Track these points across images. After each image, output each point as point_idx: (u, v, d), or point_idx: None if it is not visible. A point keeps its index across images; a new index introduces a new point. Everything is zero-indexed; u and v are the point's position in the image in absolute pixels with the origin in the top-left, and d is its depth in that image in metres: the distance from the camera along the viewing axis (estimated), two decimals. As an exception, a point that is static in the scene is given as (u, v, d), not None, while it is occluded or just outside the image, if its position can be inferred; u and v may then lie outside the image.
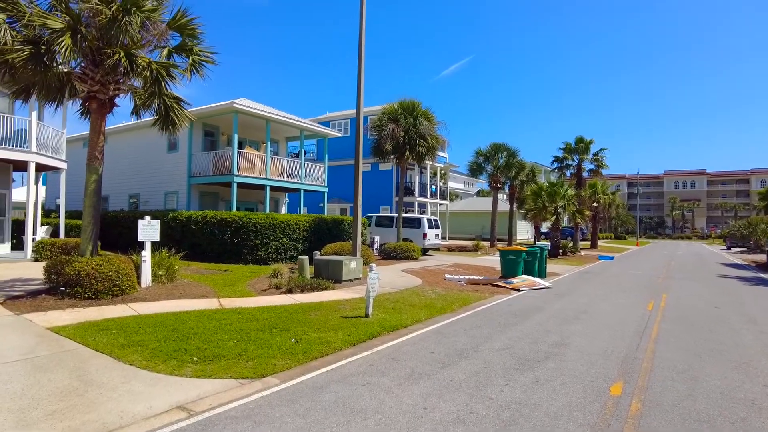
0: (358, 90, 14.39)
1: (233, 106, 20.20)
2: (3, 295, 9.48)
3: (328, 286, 11.69)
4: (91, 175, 10.05)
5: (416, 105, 21.19)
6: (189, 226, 18.47)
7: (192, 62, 10.27)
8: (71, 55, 8.56)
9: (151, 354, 6.15)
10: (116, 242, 21.27)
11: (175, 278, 11.48)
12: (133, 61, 9.09)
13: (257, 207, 25.33)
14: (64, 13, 8.77)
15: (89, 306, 8.79)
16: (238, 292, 10.92)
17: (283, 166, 23.47)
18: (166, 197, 23.60)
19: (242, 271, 14.83)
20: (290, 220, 18.98)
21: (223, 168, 20.90)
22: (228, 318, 8.22)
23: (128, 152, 26.24)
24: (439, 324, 8.87)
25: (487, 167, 33.00)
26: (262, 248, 17.86)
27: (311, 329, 7.73)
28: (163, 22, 9.95)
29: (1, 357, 5.88)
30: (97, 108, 10.05)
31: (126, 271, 9.74)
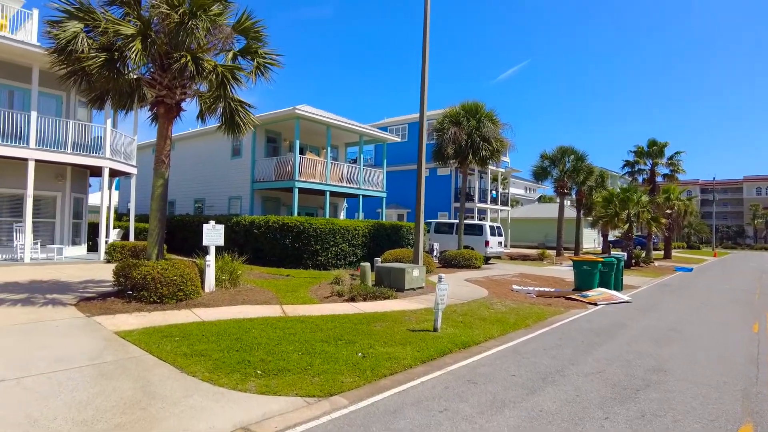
0: (421, 94, 13.88)
1: (295, 111, 20.28)
2: (77, 297, 9.69)
3: (390, 294, 11.21)
4: (157, 179, 10.12)
5: (479, 107, 20.43)
6: (252, 231, 18.61)
7: (257, 65, 10.16)
8: (141, 60, 8.62)
9: (214, 365, 5.87)
10: (182, 245, 21.87)
11: (238, 283, 11.39)
12: (199, 64, 9.04)
13: (317, 212, 25.36)
14: (136, 18, 8.86)
15: (154, 310, 8.76)
16: (300, 299, 10.66)
17: (342, 171, 23.35)
18: (230, 202, 24.08)
19: (303, 277, 14.65)
20: (350, 225, 18.74)
21: (285, 173, 21.01)
22: (292, 327, 7.89)
23: (194, 158, 27.08)
24: (514, 342, 8.15)
25: (553, 171, 31.54)
26: (322, 253, 17.70)
27: (378, 343, 7.25)
28: (228, 26, 9.91)
29: (71, 362, 5.80)
30: (165, 113, 10.13)
31: (190, 276, 9.69)
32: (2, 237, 16.15)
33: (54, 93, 17.25)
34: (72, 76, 9.56)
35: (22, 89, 16.35)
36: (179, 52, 8.98)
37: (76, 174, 18.13)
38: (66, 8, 8.88)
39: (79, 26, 8.89)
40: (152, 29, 9.11)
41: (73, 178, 18.01)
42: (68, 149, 16.16)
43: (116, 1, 9.24)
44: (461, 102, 20.95)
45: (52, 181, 17.18)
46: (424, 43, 13.80)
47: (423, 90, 13.88)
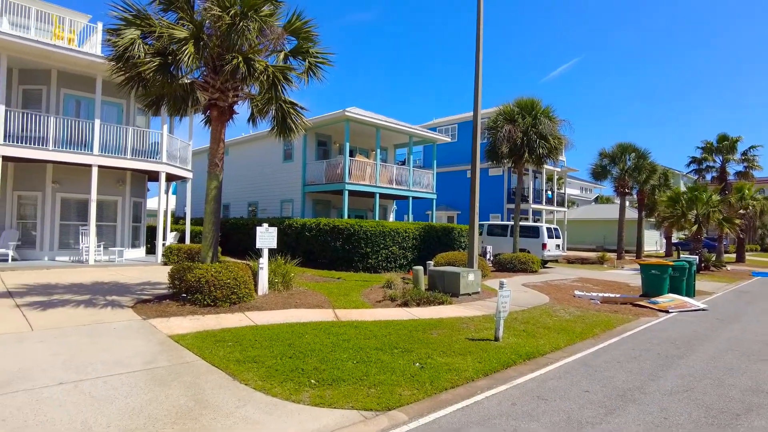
0: (475, 91, 13.36)
1: (345, 114, 20.19)
2: (134, 299, 9.84)
3: (445, 300, 10.76)
4: (211, 182, 10.15)
5: (535, 103, 19.60)
6: (303, 233, 18.64)
7: (308, 65, 10.02)
8: (194, 63, 8.63)
9: (267, 373, 5.66)
10: (236, 247, 22.26)
11: (290, 286, 11.29)
12: (251, 65, 8.97)
13: (366, 214, 25.21)
14: (189, 22, 8.90)
15: (208, 314, 8.73)
16: (352, 303, 10.40)
17: (391, 173, 23.07)
18: (281, 205, 24.34)
19: (354, 280, 14.43)
20: (400, 228, 18.40)
21: (335, 176, 20.97)
22: (345, 333, 7.61)
23: (248, 163, 27.61)
24: (582, 353, 7.52)
25: (613, 170, 29.93)
26: (373, 256, 17.46)
27: (435, 352, 6.84)
28: (279, 27, 9.82)
29: (126, 365, 5.76)
30: (217, 115, 10.15)
31: (244, 279, 9.64)
32: (70, 240, 16.90)
33: (115, 101, 17.93)
34: (129, 82, 9.73)
35: (87, 99, 17.08)
36: (231, 54, 8.94)
37: (135, 179, 18.77)
38: (124, 16, 9.04)
39: (136, 33, 9.03)
40: (204, 32, 9.13)
41: (133, 182, 18.65)
42: (128, 155, 16.73)
43: (171, 7, 9.34)
44: (515, 99, 20.19)
45: (113, 185, 17.85)
46: (478, 38, 13.29)
47: (477, 86, 13.36)
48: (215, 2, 8.67)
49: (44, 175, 16.47)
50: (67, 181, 16.73)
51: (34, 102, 16.73)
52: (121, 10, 8.97)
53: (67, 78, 16.85)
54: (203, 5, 9.09)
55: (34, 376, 5.28)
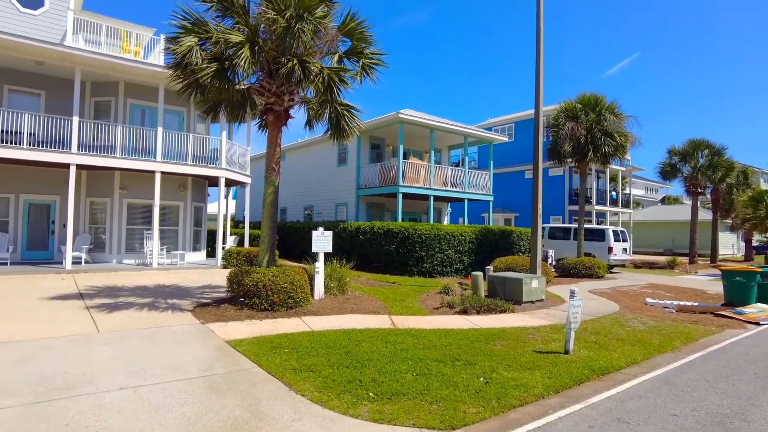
0: (536, 86, 12.71)
1: (398, 116, 19.96)
2: (194, 302, 9.98)
3: (506, 308, 10.22)
4: (268, 187, 10.15)
5: (599, 99, 18.54)
6: (357, 237, 18.54)
7: (362, 66, 9.84)
8: (250, 67, 8.63)
9: (324, 383, 5.43)
10: (292, 250, 22.53)
11: (346, 290, 11.12)
12: (306, 67, 8.87)
13: (420, 217, 24.85)
14: (244, 26, 8.92)
15: (265, 318, 8.68)
16: (409, 309, 10.07)
17: (446, 175, 22.59)
18: (336, 208, 24.43)
19: (410, 284, 14.10)
20: (455, 231, 17.90)
21: (388, 179, 20.77)
22: (403, 342, 7.29)
23: (303, 167, 27.97)
24: (663, 369, 6.82)
25: (684, 169, 27.97)
26: (428, 260, 17.07)
27: (500, 365, 6.39)
28: (333, 28, 9.69)
29: (183, 372, 5.71)
30: (274, 120, 10.14)
31: (300, 283, 9.55)
32: (136, 243, 17.61)
33: (177, 109, 18.56)
34: (188, 89, 9.91)
35: (151, 108, 17.77)
36: (286, 57, 8.88)
37: (196, 184, 19.34)
38: (183, 24, 9.20)
39: (193, 40, 9.16)
40: (259, 36, 9.14)
41: (194, 188, 19.22)
42: (189, 161, 17.25)
43: (227, 13, 9.41)
44: (577, 95, 19.20)
45: (175, 191, 18.46)
46: (538, 30, 12.65)
47: (538, 80, 12.70)
48: (270, 5, 8.63)
49: (112, 182, 17.26)
50: (133, 187, 17.45)
51: (104, 113, 17.60)
52: (180, 19, 9.14)
53: (133, 88, 17.60)
54: (258, 9, 9.09)
55: (97, 379, 5.32)
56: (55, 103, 16.74)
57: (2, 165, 15.65)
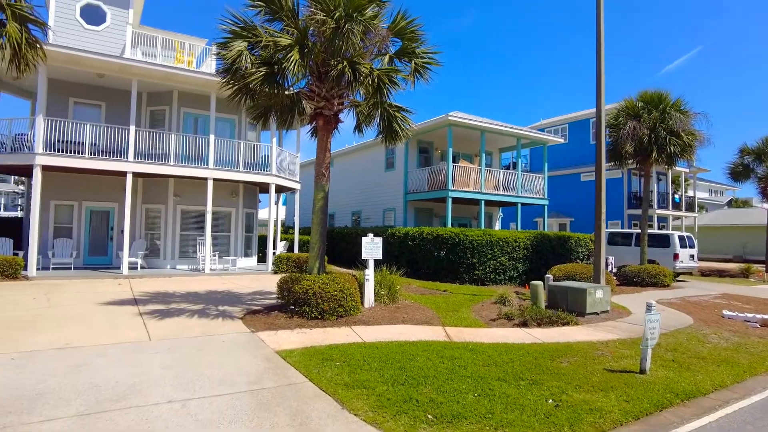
0: (597, 81, 11.93)
1: (448, 118, 19.47)
2: (244, 309, 9.88)
3: (569, 320, 9.52)
4: (318, 192, 9.94)
5: (663, 96, 17.34)
6: (406, 243, 18.15)
7: (414, 66, 9.48)
8: (299, 71, 8.44)
9: (378, 402, 5.05)
10: (341, 256, 22.42)
11: (396, 299, 10.74)
12: (356, 69, 8.60)
13: (470, 223, 24.18)
14: (294, 28, 8.75)
15: (315, 327, 8.43)
16: (464, 320, 9.56)
17: (498, 178, 21.86)
18: (384, 214, 24.16)
19: (462, 293, 13.55)
20: (509, 237, 17.18)
21: (437, 183, 20.29)
22: (461, 357, 6.82)
23: (352, 173, 27.91)
24: (761, 395, 6.01)
25: (758, 169, 25.86)
26: (480, 267, 16.45)
27: (570, 386, 5.80)
28: (383, 28, 9.39)
29: (232, 384, 5.49)
30: (323, 124, 9.93)
31: (350, 291, 9.25)
32: (189, 249, 17.94)
33: (228, 117, 18.85)
34: (238, 94, 9.87)
35: (203, 116, 18.11)
36: (335, 59, 8.64)
37: (247, 190, 19.55)
38: (232, 29, 9.14)
39: (243, 45, 9.08)
40: (308, 39, 8.95)
41: (245, 194, 19.43)
42: (240, 168, 17.44)
43: (276, 17, 9.28)
44: (638, 93, 18.04)
45: (227, 197, 18.71)
46: (598, 22, 11.88)
47: (599, 75, 11.91)
48: (319, 6, 8.42)
49: (167, 189, 17.67)
50: (187, 194, 17.81)
51: (159, 122, 18.10)
52: (229, 23, 9.08)
53: (186, 97, 18.01)
54: (307, 12, 8.91)
55: (146, 390, 5.18)
56: (114, 114, 17.35)
57: (67, 174, 16.33)
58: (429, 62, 9.57)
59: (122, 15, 17.80)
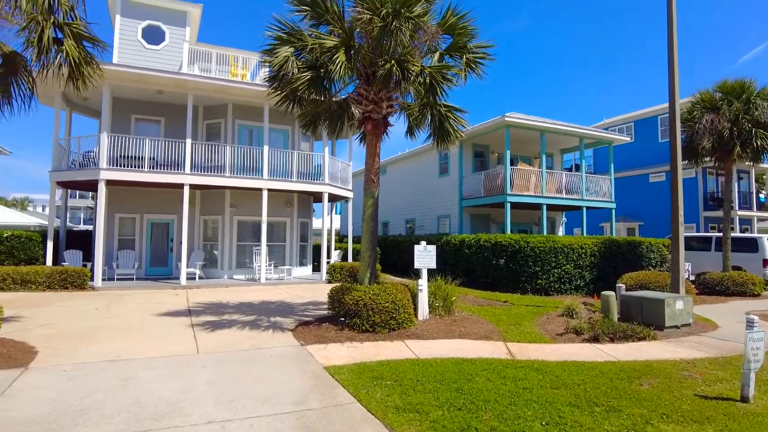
0: (670, 70, 10.85)
1: (504, 119, 18.65)
2: (296, 321, 9.62)
3: (646, 334, 8.55)
4: (368, 200, 9.56)
5: (746, 84, 15.68)
6: (462, 251, 17.45)
7: (466, 62, 8.92)
8: (345, 73, 8.12)
9: (432, 429, 4.52)
10: (394, 264, 21.99)
11: (452, 310, 10.13)
12: (405, 67, 8.16)
13: (531, 229, 23.06)
14: (339, 29, 8.45)
15: (366, 340, 8.00)
16: (527, 335, 8.80)
17: (560, 181, 20.70)
18: (438, 221, 23.53)
19: (524, 304, 12.71)
20: (574, 243, 16.08)
21: (495, 188, 19.46)
22: (525, 378, 6.14)
23: (404, 180, 27.53)
24: None
25: None
26: (542, 276, 15.47)
27: (654, 414, 5.01)
28: (432, 24, 8.91)
29: (276, 404, 5.15)
30: (372, 129, 9.56)
31: (403, 302, 8.76)
32: (246, 259, 18.12)
33: (281, 128, 18.99)
34: (286, 101, 9.72)
35: (258, 128, 18.32)
36: (383, 58, 8.26)
37: (301, 200, 19.57)
38: (278, 35, 8.98)
39: (289, 51, 8.90)
40: (354, 40, 8.61)
41: (299, 204, 19.46)
42: (294, 178, 17.47)
43: (321, 21, 9.03)
44: (715, 83, 16.42)
45: (282, 207, 18.79)
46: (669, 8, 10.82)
47: (672, 59, 10.82)
48: (365, 6, 8.07)
49: (224, 200, 17.96)
50: (243, 204, 18.03)
51: (214, 135, 18.51)
52: (275, 30, 8.93)
53: (241, 110, 18.30)
54: (353, 13, 8.60)
55: (187, 409, 4.93)
56: (173, 128, 17.89)
57: (130, 188, 16.95)
58: (482, 57, 8.98)
59: (179, 33, 18.38)
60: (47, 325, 8.86)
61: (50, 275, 13.65)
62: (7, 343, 7.37)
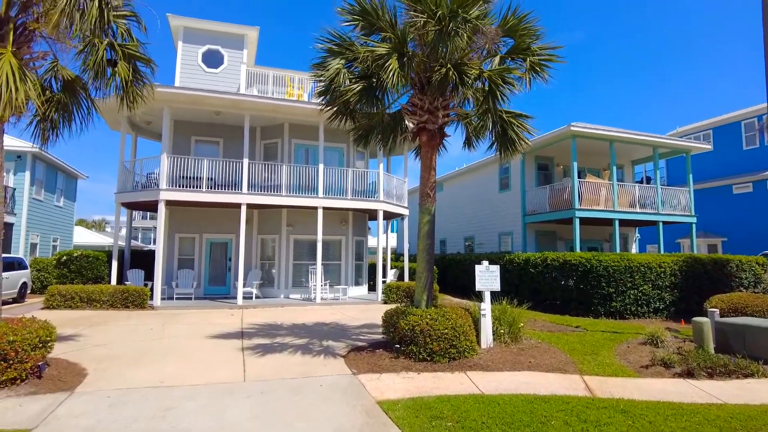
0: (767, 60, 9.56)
1: (570, 129, 17.51)
2: (349, 346, 9.07)
3: (755, 370, 7.27)
4: (423, 216, 8.93)
5: None
6: (527, 270, 16.34)
7: (530, 64, 8.15)
8: (399, 80, 7.57)
9: (503, 490, 3.75)
10: (453, 284, 21.09)
11: (519, 338, 9.21)
12: (462, 72, 7.53)
13: (601, 246, 21.46)
14: (392, 34, 7.98)
15: (424, 371, 7.29)
16: (606, 367, 7.75)
17: (633, 194, 19.14)
18: (500, 239, 22.43)
19: (599, 330, 11.52)
20: (652, 261, 14.61)
21: (561, 202, 18.23)
22: (611, 422, 5.19)
23: (462, 196, 26.66)
24: None
25: None
26: (617, 298, 14.11)
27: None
28: (491, 26, 8.26)
29: (322, 445, 4.56)
30: (427, 140, 8.97)
31: (463, 329, 7.98)
32: (302, 278, 17.90)
33: (337, 146, 18.83)
34: (338, 116, 9.35)
35: (313, 146, 18.22)
36: (438, 63, 7.69)
37: (356, 218, 19.21)
38: (329, 47, 8.65)
39: (340, 63, 8.54)
40: (407, 47, 8.09)
41: (354, 222, 19.10)
42: (348, 195, 17.15)
43: (373, 29, 8.60)
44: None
45: (337, 225, 18.49)
46: None
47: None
48: (419, 9, 7.55)
49: (280, 219, 17.90)
50: (299, 223, 17.89)
51: (272, 155, 18.60)
52: (325, 42, 8.61)
53: (296, 129, 18.32)
54: (406, 18, 8.11)
55: (225, 450, 4.44)
56: (231, 149, 18.13)
57: (190, 208, 17.25)
58: (548, 59, 8.18)
59: (237, 55, 18.73)
60: (101, 346, 8.81)
61: (113, 294, 13.94)
62: (61, 365, 7.31)
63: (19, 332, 6.36)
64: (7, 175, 21.24)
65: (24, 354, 6.27)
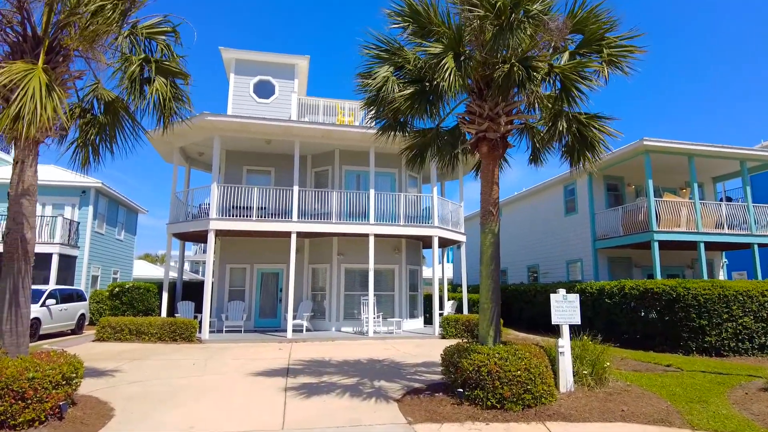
0: None
1: (644, 144, 15.94)
2: (404, 387, 7.99)
3: None
4: (486, 237, 7.83)
5: None
6: (602, 301, 14.67)
7: (606, 56, 7.04)
8: (456, 81, 6.66)
9: None
10: (518, 318, 19.44)
11: (605, 379, 7.78)
12: (530, 66, 6.54)
13: (683, 273, 19.26)
14: (446, 29, 7.15)
15: (493, 420, 6.09)
16: (724, 420, 6.18)
17: (718, 213, 17.09)
18: (567, 266, 20.65)
19: (697, 370, 9.78)
20: (751, 288, 12.65)
21: (636, 224, 16.47)
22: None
23: (523, 222, 25.14)
24: None
25: None
26: (711, 331, 12.23)
27: None
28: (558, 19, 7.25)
29: None
30: (488, 152, 7.95)
31: (539, 370, 6.72)
32: (354, 310, 17.00)
33: (388, 171, 18.13)
34: (387, 131, 8.58)
35: (364, 172, 17.58)
36: (499, 59, 6.76)
37: (410, 246, 18.24)
38: (376, 53, 7.96)
39: (389, 70, 7.83)
40: (464, 47, 7.22)
41: (408, 250, 18.13)
42: (401, 221, 16.29)
43: (425, 32, 7.81)
44: None
45: (390, 253, 17.57)
46: None
47: None
48: (475, 3, 6.69)
49: (331, 248, 17.22)
50: (350, 251, 17.14)
51: (323, 182, 18.15)
52: (372, 48, 7.92)
53: (347, 155, 17.81)
54: (459, 19, 7.28)
55: None
56: (282, 178, 17.82)
57: (240, 238, 16.95)
58: (629, 50, 7.04)
59: (288, 85, 18.63)
60: (137, 383, 8.19)
61: (161, 326, 13.57)
62: (88, 404, 6.70)
63: (41, 368, 5.78)
64: (72, 209, 22.00)
65: (44, 393, 5.66)
